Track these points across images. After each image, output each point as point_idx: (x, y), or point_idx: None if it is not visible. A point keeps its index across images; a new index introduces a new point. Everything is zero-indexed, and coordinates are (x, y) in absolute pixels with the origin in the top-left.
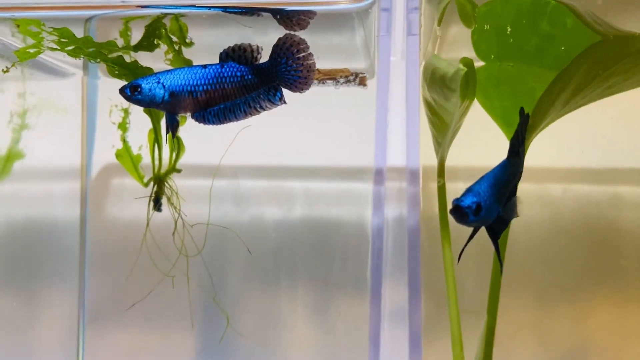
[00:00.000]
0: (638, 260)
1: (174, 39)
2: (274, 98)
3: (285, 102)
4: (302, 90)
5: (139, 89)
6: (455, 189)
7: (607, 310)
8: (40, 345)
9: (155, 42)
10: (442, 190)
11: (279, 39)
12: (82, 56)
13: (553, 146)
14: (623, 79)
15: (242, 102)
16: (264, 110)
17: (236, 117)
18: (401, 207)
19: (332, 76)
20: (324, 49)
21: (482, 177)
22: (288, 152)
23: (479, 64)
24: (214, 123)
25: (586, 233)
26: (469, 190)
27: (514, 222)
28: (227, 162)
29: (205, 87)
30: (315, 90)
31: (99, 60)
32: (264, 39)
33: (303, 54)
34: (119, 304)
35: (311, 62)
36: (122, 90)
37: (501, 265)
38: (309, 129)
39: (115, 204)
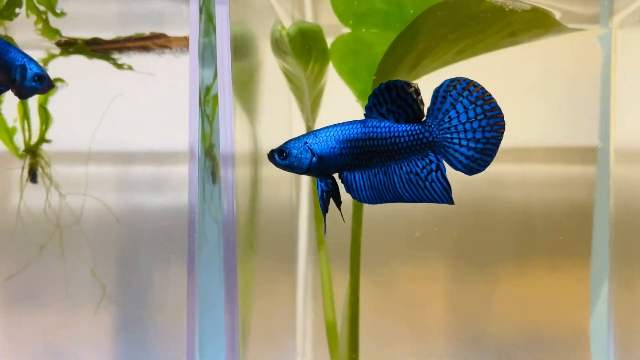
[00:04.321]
0: (540, 232)
1: (42, 8)
2: None
3: None
4: None
5: None
6: None
7: (515, 278)
8: None
9: (14, 10)
10: None
11: None
12: None
13: None
14: (475, 42)
15: None
16: None
17: None
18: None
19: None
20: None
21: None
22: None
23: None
24: None
25: (492, 210)
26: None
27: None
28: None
29: None
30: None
31: None
32: (147, 5)
33: None
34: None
35: None
36: None
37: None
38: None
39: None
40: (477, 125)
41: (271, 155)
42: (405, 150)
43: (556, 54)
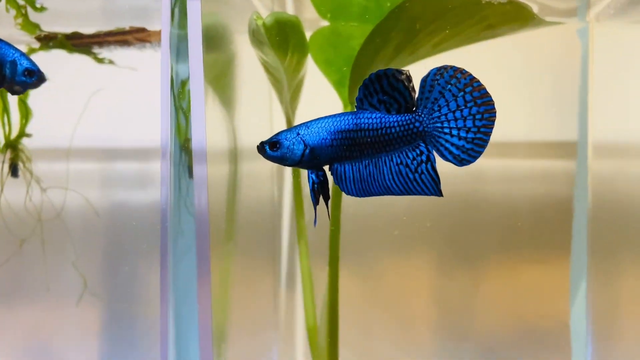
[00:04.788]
0: (522, 226)
1: (21, 2)
2: None
3: None
4: None
5: None
6: None
7: (498, 271)
8: None
9: None
10: None
11: None
12: None
13: None
14: (451, 35)
15: None
16: None
17: None
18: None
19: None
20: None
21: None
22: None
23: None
24: None
25: (475, 204)
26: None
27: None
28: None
29: None
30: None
31: None
32: (133, 2)
33: None
34: None
35: None
36: None
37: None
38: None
39: None
40: (467, 113)
41: (261, 147)
42: (397, 140)
43: (538, 49)
